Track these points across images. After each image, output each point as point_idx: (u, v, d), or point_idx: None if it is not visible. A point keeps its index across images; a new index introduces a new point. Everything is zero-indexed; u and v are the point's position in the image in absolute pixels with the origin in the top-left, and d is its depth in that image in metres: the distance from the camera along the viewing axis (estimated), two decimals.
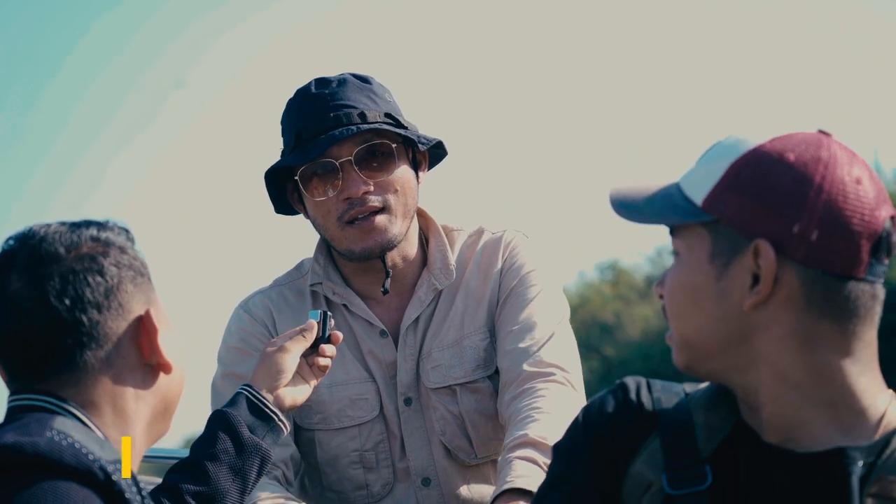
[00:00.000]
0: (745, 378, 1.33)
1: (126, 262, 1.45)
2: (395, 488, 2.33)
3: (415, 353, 2.33)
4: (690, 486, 1.35)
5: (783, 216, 1.27)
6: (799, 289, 1.28)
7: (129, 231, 1.50)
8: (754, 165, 1.29)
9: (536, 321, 2.27)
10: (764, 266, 1.27)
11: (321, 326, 2.02)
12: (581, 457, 1.42)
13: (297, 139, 2.23)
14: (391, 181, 2.23)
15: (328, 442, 2.32)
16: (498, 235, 2.40)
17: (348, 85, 2.24)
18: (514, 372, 2.22)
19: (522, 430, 2.06)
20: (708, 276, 1.32)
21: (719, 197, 1.31)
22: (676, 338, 1.39)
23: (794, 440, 1.32)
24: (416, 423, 2.33)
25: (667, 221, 1.37)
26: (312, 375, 2.01)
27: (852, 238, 1.26)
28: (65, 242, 1.41)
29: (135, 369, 1.44)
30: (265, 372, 1.94)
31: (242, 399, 1.90)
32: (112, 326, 1.41)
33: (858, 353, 1.31)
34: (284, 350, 1.95)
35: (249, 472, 1.84)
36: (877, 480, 1.28)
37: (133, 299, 1.44)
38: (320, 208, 2.25)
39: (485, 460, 2.36)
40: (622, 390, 1.45)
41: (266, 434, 1.88)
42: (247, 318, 2.35)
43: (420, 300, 2.34)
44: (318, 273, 2.36)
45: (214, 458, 1.82)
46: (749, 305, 1.29)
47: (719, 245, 1.31)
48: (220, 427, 1.85)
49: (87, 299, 1.39)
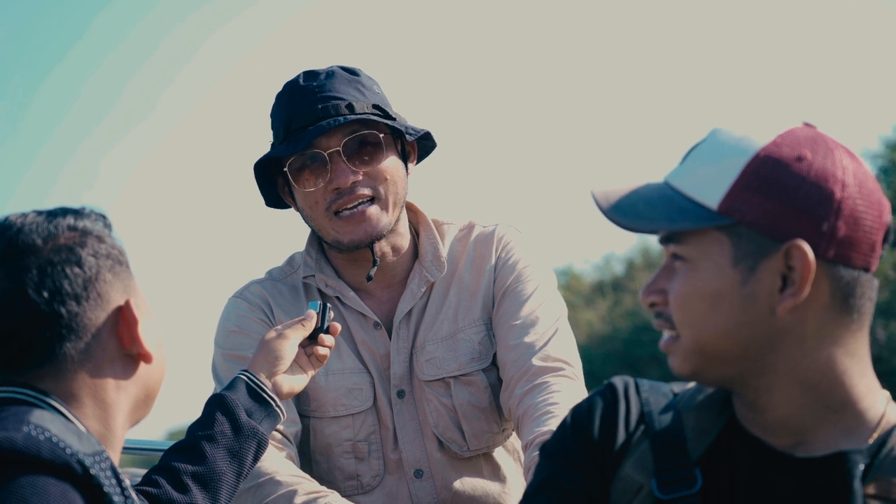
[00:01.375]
0: (760, 381, 1.30)
1: (104, 251, 1.43)
2: (385, 480, 2.33)
3: (408, 345, 2.34)
4: (680, 489, 1.33)
5: (811, 215, 1.24)
6: (827, 287, 1.26)
7: (107, 217, 1.48)
8: (771, 165, 1.26)
9: (539, 316, 2.28)
10: (800, 267, 1.24)
11: (320, 317, 2.04)
12: (569, 459, 1.40)
13: (285, 131, 2.24)
14: (380, 171, 2.24)
15: (322, 430, 2.32)
16: (490, 229, 2.40)
17: (336, 77, 2.25)
18: (522, 366, 2.22)
19: (545, 426, 2.08)
20: (731, 280, 1.28)
21: (738, 199, 1.27)
22: (688, 345, 1.33)
23: (800, 444, 1.31)
24: (408, 415, 2.33)
25: (679, 227, 1.30)
26: (310, 365, 2.03)
27: (871, 231, 1.27)
28: (42, 233, 1.40)
29: (115, 360, 1.42)
30: (264, 357, 1.95)
31: (241, 383, 1.91)
32: (91, 318, 1.40)
33: (860, 353, 1.30)
34: (284, 337, 1.97)
35: (246, 455, 1.84)
36: (875, 480, 1.27)
37: (112, 289, 1.42)
38: (309, 199, 2.25)
39: (477, 453, 2.36)
40: (611, 391, 1.43)
41: (263, 419, 1.89)
42: (244, 305, 2.35)
43: (412, 292, 2.34)
44: (311, 266, 2.37)
45: (212, 439, 1.82)
46: (784, 308, 1.26)
47: (742, 248, 1.27)
48: (219, 409, 1.86)
49: (65, 291, 1.38)
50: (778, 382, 1.29)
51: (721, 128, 1.34)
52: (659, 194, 1.34)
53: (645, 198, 1.35)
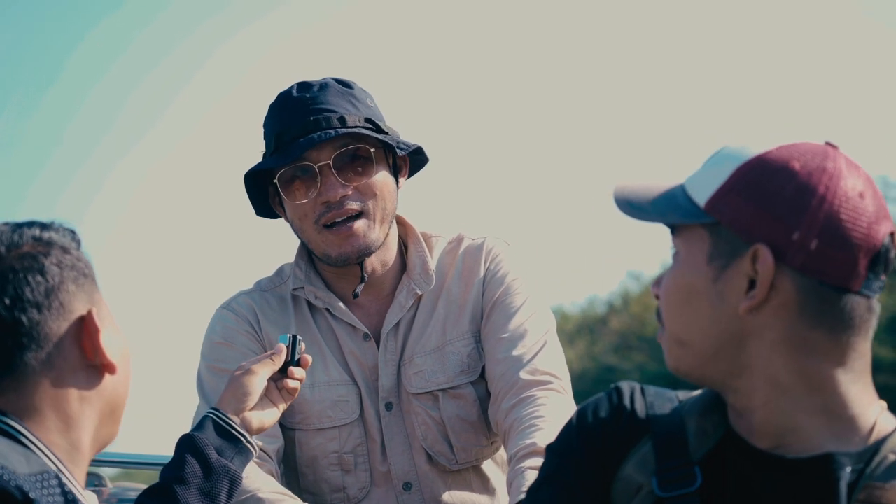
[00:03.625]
0: (738, 382, 1.34)
1: (68, 262, 1.42)
2: (371, 493, 2.32)
3: (396, 357, 2.33)
4: (680, 487, 1.35)
5: (784, 223, 1.27)
6: (794, 296, 1.28)
7: (76, 232, 1.47)
8: (759, 171, 1.30)
9: (527, 329, 2.28)
10: (761, 271, 1.27)
11: (290, 350, 2.02)
12: (573, 458, 1.43)
13: (276, 142, 2.24)
14: (370, 185, 2.23)
15: (307, 442, 2.32)
16: (479, 242, 2.40)
17: (329, 89, 2.25)
18: (509, 380, 2.22)
19: (530, 440, 2.07)
20: (705, 277, 1.33)
21: (722, 199, 1.31)
22: (670, 338, 1.39)
23: (784, 446, 1.32)
24: (396, 427, 2.32)
25: (667, 220, 1.37)
26: (281, 399, 2.01)
27: (851, 251, 1.27)
28: (6, 242, 1.39)
29: (77, 370, 1.40)
30: (232, 394, 1.94)
31: (209, 422, 1.91)
32: (53, 327, 1.38)
33: (851, 363, 1.31)
34: (251, 373, 1.96)
35: (219, 494, 1.84)
36: (864, 487, 1.28)
37: (75, 299, 1.40)
38: (298, 211, 2.25)
39: (466, 466, 2.35)
40: (616, 394, 1.46)
41: (234, 456, 1.89)
42: (231, 317, 2.35)
43: (400, 305, 2.34)
44: (300, 278, 2.36)
45: (183, 481, 1.82)
46: (744, 309, 1.30)
47: (719, 247, 1.32)
48: (188, 451, 1.85)
49: (26, 299, 1.36)
50: (753, 384, 1.33)
51: (738, 140, 1.38)
52: (667, 192, 1.39)
53: (654, 193, 1.40)
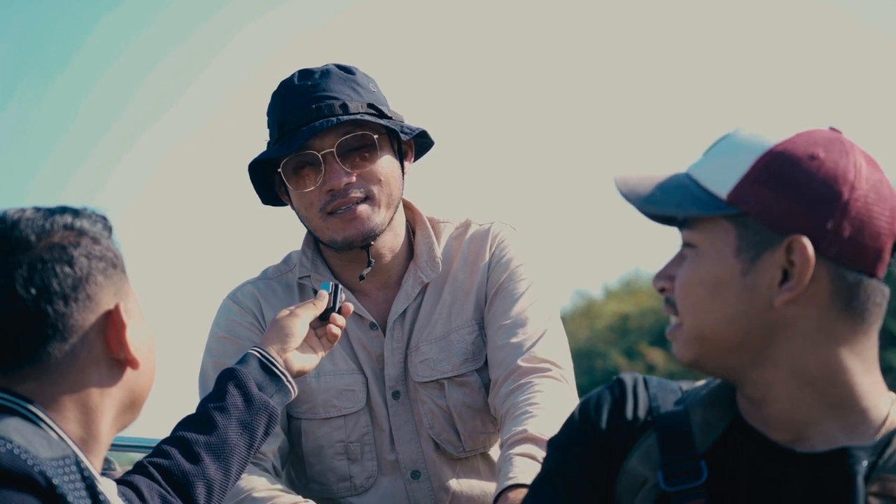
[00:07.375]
0: (758, 374, 1.32)
1: (98, 252, 1.41)
2: (378, 481, 2.32)
3: (402, 346, 2.33)
4: (686, 481, 1.34)
5: (817, 213, 1.27)
6: (828, 286, 1.28)
7: (107, 219, 1.46)
8: (784, 161, 1.29)
9: (528, 316, 2.26)
10: (799, 262, 1.27)
11: (332, 297, 2.06)
12: (576, 451, 1.42)
13: (279, 131, 2.22)
14: (374, 172, 2.22)
15: (314, 431, 2.32)
16: (485, 228, 2.39)
17: (331, 76, 2.23)
18: (508, 367, 2.21)
19: (521, 426, 2.06)
20: (733, 269, 1.31)
21: (747, 190, 1.29)
22: (689, 332, 1.36)
23: (801, 439, 1.32)
24: (404, 416, 2.32)
25: (687, 213, 1.34)
26: (321, 346, 2.04)
27: (879, 237, 1.28)
28: (36, 229, 1.38)
29: (100, 364, 1.40)
30: (276, 334, 1.97)
31: (253, 358, 1.92)
32: (78, 319, 1.37)
33: (865, 353, 1.31)
34: (295, 315, 1.99)
35: (257, 427, 1.84)
36: (878, 479, 1.28)
37: (103, 292, 1.40)
38: (303, 199, 2.24)
39: (473, 453, 2.35)
40: (619, 386, 1.45)
41: (274, 393, 1.90)
42: (235, 308, 2.35)
43: (407, 293, 2.33)
44: (307, 266, 2.36)
45: (223, 410, 1.82)
46: (781, 301, 1.28)
47: (746, 239, 1.30)
48: (230, 382, 1.86)
49: (53, 290, 1.36)
50: (777, 376, 1.31)
51: (743, 126, 1.37)
52: (676, 182, 1.38)
53: (662, 184, 1.38)
